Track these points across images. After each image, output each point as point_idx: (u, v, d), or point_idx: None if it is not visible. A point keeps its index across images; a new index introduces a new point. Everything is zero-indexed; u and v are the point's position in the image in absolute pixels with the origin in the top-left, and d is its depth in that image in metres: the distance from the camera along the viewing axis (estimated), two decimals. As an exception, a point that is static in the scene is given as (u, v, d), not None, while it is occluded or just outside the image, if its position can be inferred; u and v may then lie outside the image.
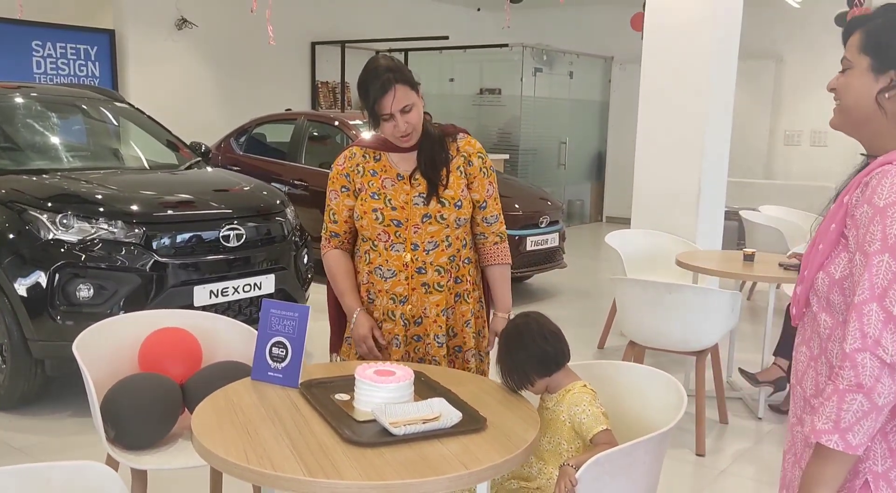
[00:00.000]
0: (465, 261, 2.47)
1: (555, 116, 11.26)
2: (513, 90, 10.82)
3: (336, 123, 7.07)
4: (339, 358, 2.60)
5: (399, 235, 2.37)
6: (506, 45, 10.17)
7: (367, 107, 2.31)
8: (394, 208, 2.37)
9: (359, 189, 2.42)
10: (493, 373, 2.60)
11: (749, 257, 4.38)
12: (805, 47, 10.33)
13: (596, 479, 1.86)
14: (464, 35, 10.90)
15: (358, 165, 2.44)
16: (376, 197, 2.38)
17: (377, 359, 2.40)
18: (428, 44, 9.97)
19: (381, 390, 1.92)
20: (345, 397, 2.00)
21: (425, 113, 2.43)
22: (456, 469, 1.65)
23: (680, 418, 2.02)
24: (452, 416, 1.84)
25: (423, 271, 2.39)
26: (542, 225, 6.41)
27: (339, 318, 2.58)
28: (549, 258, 6.62)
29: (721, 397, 4.10)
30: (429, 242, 2.38)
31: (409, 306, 2.41)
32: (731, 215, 7.27)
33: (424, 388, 2.07)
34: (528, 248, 6.30)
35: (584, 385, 2.09)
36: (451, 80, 11.35)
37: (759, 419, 4.18)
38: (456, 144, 2.45)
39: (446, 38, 9.54)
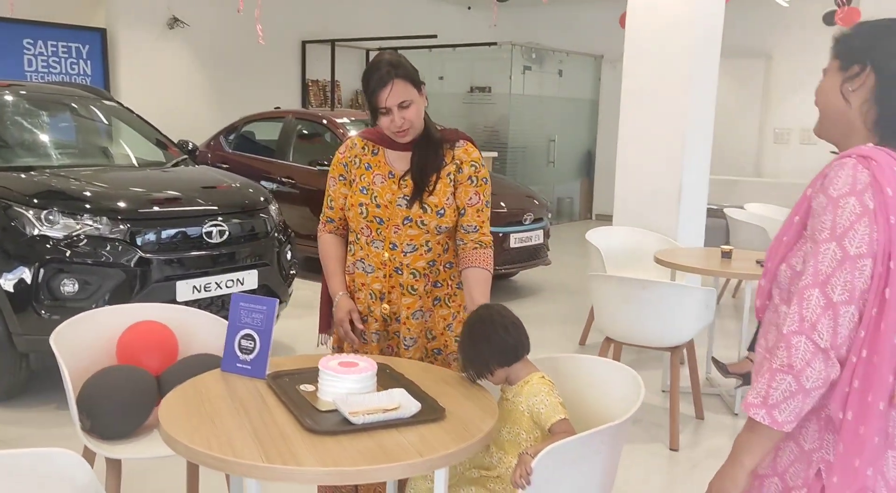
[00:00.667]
0: (446, 265, 2.48)
1: (544, 113, 11.32)
2: (503, 88, 10.88)
3: (324, 120, 7.13)
4: (327, 338, 2.64)
5: (380, 232, 2.41)
6: (494, 44, 10.22)
7: (366, 99, 2.35)
8: (378, 206, 2.40)
9: (352, 180, 2.46)
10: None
11: (727, 255, 4.44)
12: (794, 46, 10.40)
13: (552, 467, 1.92)
14: (455, 33, 10.96)
15: (356, 156, 2.48)
16: (364, 192, 2.42)
17: (353, 343, 2.45)
18: (417, 42, 10.02)
19: (344, 381, 1.98)
20: (310, 387, 2.06)
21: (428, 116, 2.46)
22: (411, 457, 1.71)
23: (636, 409, 2.08)
24: (412, 406, 1.90)
25: (400, 272, 2.42)
26: (526, 222, 6.47)
27: (329, 299, 2.60)
28: (534, 255, 6.69)
29: (697, 393, 4.16)
30: (407, 245, 2.40)
31: (388, 304, 2.45)
32: (718, 213, 7.33)
33: (388, 379, 2.13)
34: (512, 245, 6.37)
35: (542, 376, 2.15)
36: (441, 78, 11.40)
37: (736, 414, 4.24)
38: (452, 152, 2.44)
39: (434, 36, 9.59)
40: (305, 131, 7.47)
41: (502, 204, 6.40)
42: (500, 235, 6.22)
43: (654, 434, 3.96)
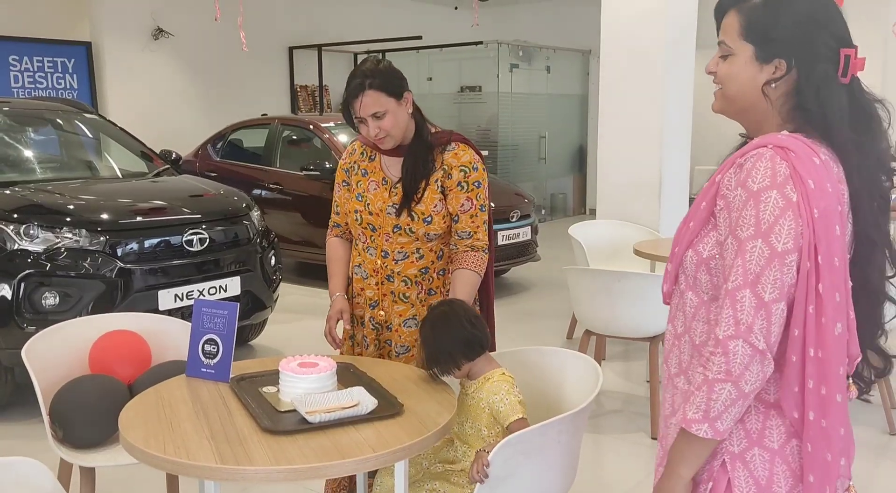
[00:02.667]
0: (440, 273, 2.47)
1: (534, 111, 11.34)
2: (492, 87, 10.90)
3: (310, 126, 7.16)
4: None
5: (373, 239, 2.43)
6: (481, 43, 10.25)
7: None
8: (371, 213, 2.41)
9: (352, 186, 2.50)
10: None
11: (706, 244, 4.46)
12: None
13: (509, 459, 1.95)
14: (442, 34, 10.98)
15: (355, 162, 2.51)
16: (360, 198, 2.45)
17: (331, 343, 2.49)
18: (404, 44, 10.05)
19: (303, 381, 2.01)
20: (272, 389, 2.09)
21: (425, 120, 2.45)
22: (364, 453, 1.74)
23: (592, 399, 2.11)
24: (369, 403, 1.93)
25: (391, 280, 2.43)
26: (513, 219, 6.50)
27: None
28: (522, 252, 6.72)
29: (679, 382, 4.18)
30: (398, 253, 2.41)
31: (381, 311, 2.46)
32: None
33: (351, 378, 2.16)
34: (500, 242, 6.39)
35: (503, 373, 2.18)
36: (429, 79, 11.43)
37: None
38: (442, 157, 2.40)
39: (419, 37, 9.62)
40: (293, 137, 7.51)
41: (490, 202, 6.43)
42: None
43: (637, 424, 3.98)
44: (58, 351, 2.68)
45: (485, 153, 9.30)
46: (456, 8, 12.14)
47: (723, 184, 1.40)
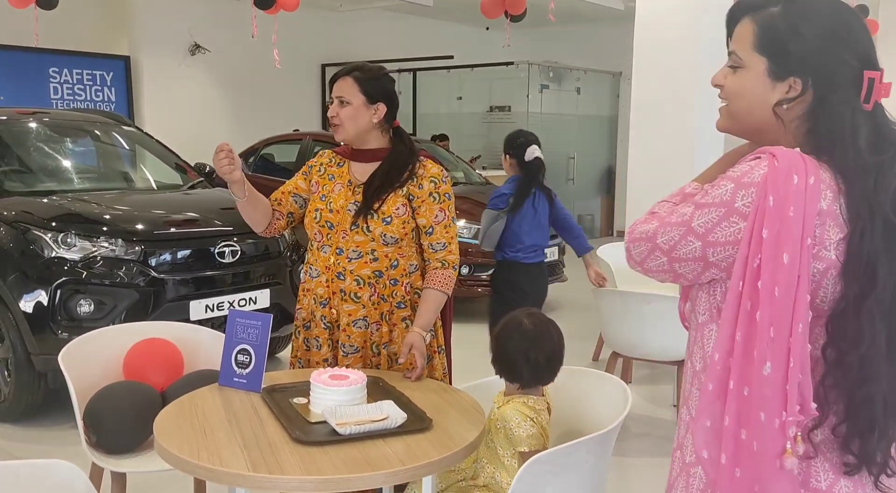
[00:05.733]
0: (392, 281, 2.47)
1: (562, 131, 11.36)
2: (521, 107, 10.96)
3: (341, 143, 7.22)
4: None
5: (329, 237, 2.47)
6: (512, 63, 10.31)
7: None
8: (331, 211, 2.47)
9: (312, 187, 2.55)
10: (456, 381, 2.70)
11: (735, 268, 4.43)
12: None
13: (538, 477, 1.96)
14: (473, 54, 11.07)
15: (322, 164, 2.58)
16: (323, 199, 2.50)
17: (223, 169, 2.35)
18: (435, 63, 10.15)
19: (333, 393, 2.03)
20: (302, 400, 2.11)
21: (406, 143, 2.52)
22: (393, 466, 1.75)
23: (621, 420, 2.10)
24: (398, 417, 1.95)
25: (342, 278, 2.45)
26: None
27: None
28: (550, 272, 6.65)
29: (707, 406, 4.15)
30: (353, 251, 2.44)
31: (330, 309, 2.47)
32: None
33: (380, 391, 2.18)
34: (527, 262, 6.38)
35: (524, 403, 2.13)
36: (460, 98, 11.51)
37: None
38: (412, 167, 2.49)
39: (451, 57, 9.71)
40: (323, 153, 7.57)
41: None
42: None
43: (663, 448, 3.95)
44: (93, 357, 2.73)
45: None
46: (487, 28, 12.23)
47: None
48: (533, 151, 3.99)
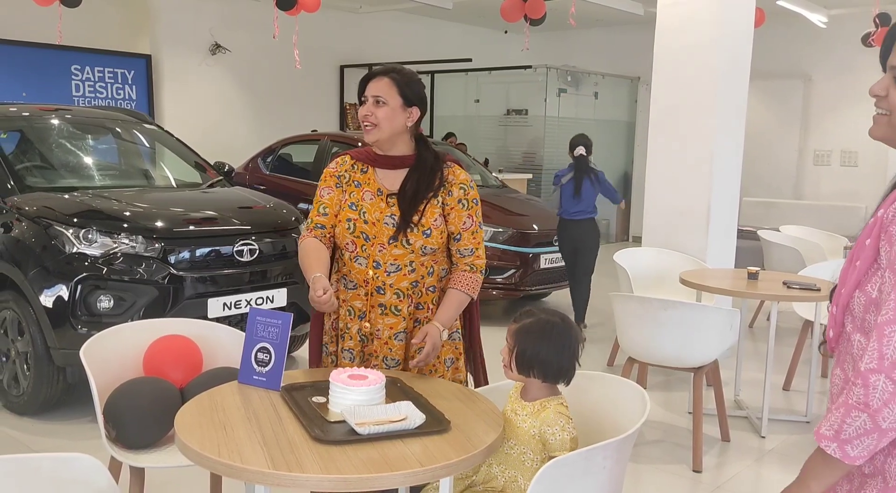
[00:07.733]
0: (430, 289, 2.47)
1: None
2: (538, 111, 10.95)
3: (359, 143, 7.26)
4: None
5: (364, 249, 2.41)
6: (530, 67, 10.31)
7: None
8: (366, 222, 2.41)
9: (343, 195, 2.49)
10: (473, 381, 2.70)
11: (753, 276, 4.41)
12: (833, 67, 10.30)
13: (556, 481, 1.96)
14: (492, 57, 11.08)
15: (346, 172, 2.51)
16: (353, 208, 2.44)
17: (333, 307, 2.33)
18: (453, 66, 10.16)
19: (353, 393, 2.04)
20: (321, 399, 2.12)
21: (428, 145, 2.50)
22: (412, 466, 1.76)
23: (639, 426, 2.10)
24: (417, 418, 1.96)
25: (382, 292, 2.41)
26: (556, 243, 6.50)
27: (318, 337, 2.61)
28: (564, 276, 6.69)
29: (722, 415, 4.13)
30: (391, 264, 2.40)
31: (367, 323, 2.45)
32: (753, 235, 7.27)
33: (398, 392, 2.18)
34: (543, 265, 6.40)
35: (561, 403, 2.15)
36: (477, 101, 11.52)
37: (763, 437, 4.20)
38: (441, 174, 2.46)
39: (469, 60, 9.72)
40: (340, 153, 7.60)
41: (534, 226, 6.46)
42: (531, 256, 6.27)
43: (677, 455, 3.94)
44: (113, 353, 2.75)
45: (528, 176, 9.44)
46: (506, 32, 12.25)
47: (886, 219, 1.34)
48: (578, 150, 6.22)
